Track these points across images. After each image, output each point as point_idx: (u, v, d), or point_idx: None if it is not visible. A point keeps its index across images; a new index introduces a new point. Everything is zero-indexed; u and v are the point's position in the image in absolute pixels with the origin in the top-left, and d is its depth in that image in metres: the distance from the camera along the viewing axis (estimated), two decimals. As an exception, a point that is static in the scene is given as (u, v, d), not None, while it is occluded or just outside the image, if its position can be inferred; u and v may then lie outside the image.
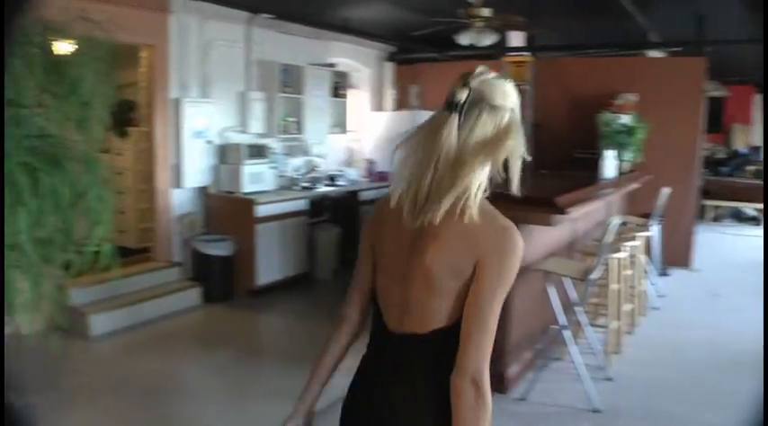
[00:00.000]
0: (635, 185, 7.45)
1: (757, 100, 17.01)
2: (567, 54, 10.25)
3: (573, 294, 4.85)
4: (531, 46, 9.77)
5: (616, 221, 4.52)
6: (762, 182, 13.28)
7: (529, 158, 1.73)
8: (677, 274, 8.49)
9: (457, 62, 10.24)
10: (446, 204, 1.62)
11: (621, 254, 5.37)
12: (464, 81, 1.68)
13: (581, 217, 5.55)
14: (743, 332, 6.32)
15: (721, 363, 5.53)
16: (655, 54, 10.02)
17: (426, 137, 1.68)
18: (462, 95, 1.66)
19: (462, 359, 1.62)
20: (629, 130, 7.74)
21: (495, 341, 1.71)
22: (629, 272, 5.88)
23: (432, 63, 10.28)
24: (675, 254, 8.67)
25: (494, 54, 9.64)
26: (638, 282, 6.38)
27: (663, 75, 8.83)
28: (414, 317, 1.72)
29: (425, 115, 6.85)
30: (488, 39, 7.26)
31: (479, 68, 1.71)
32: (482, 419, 1.62)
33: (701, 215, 12.74)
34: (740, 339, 6.12)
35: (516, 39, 9.47)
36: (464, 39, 7.27)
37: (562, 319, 4.69)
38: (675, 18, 8.94)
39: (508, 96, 1.69)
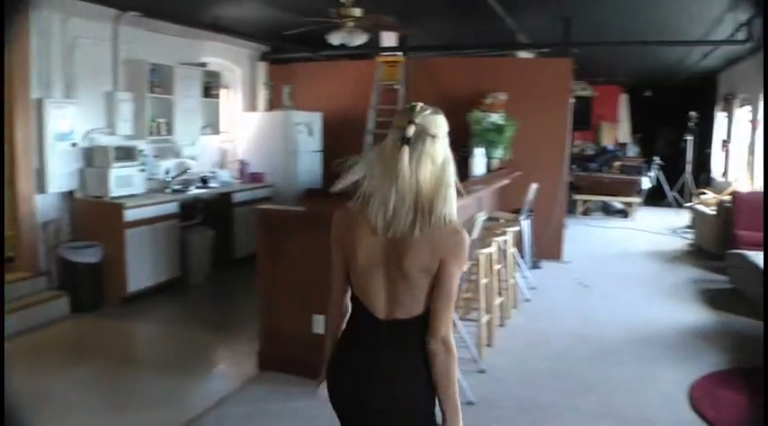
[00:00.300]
0: (505, 181, 7.64)
1: (623, 99, 17.80)
2: (439, 54, 10.42)
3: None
4: (403, 46, 9.89)
5: (481, 217, 4.61)
6: (627, 177, 13.91)
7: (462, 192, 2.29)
8: (548, 266, 8.79)
9: (330, 62, 10.28)
10: (418, 230, 2.13)
11: (490, 249, 5.50)
12: (409, 118, 2.16)
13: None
14: (610, 321, 6.61)
15: (589, 351, 5.75)
16: (524, 55, 10.32)
17: (385, 165, 2.16)
18: (411, 131, 2.14)
19: (434, 328, 2.19)
20: (498, 128, 7.95)
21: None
22: (499, 266, 6.03)
23: (305, 63, 10.27)
24: (546, 247, 8.98)
25: (367, 54, 9.71)
26: (509, 276, 6.55)
27: (532, 75, 9.11)
28: (401, 309, 2.22)
29: (298, 115, 6.90)
30: (359, 40, 7.26)
31: (418, 106, 2.21)
32: (452, 366, 2.22)
33: (571, 209, 13.23)
34: (607, 328, 6.40)
35: (389, 39, 9.56)
36: (335, 38, 7.26)
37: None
38: (543, 20, 9.23)
39: (440, 126, 2.22)
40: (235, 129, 9.69)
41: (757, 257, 7.24)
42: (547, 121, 8.89)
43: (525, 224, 7.52)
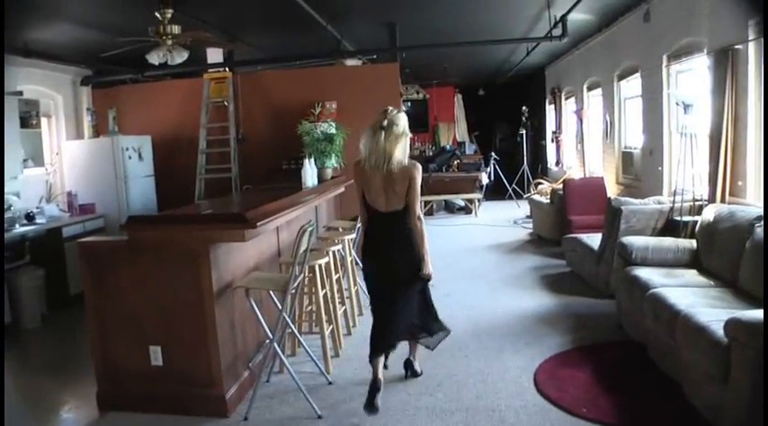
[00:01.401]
0: (340, 190, 7.64)
1: (457, 99, 18.31)
2: (267, 67, 10.35)
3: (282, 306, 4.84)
4: (229, 61, 9.75)
5: (309, 228, 4.58)
6: (466, 174, 14.28)
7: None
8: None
9: (156, 82, 10.00)
10: (391, 167, 4.24)
11: (324, 259, 5.44)
12: (385, 116, 4.24)
13: (284, 228, 5.58)
14: (454, 316, 6.67)
15: (435, 349, 5.75)
16: (352, 62, 10.39)
17: (371, 139, 4.28)
18: (386, 123, 4.21)
19: (412, 212, 4.35)
20: (328, 137, 7.92)
21: (206, 369, 4.55)
22: (338, 275, 6.01)
23: (130, 85, 9.94)
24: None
25: (194, 71, 9.51)
26: (351, 284, 6.55)
27: (360, 82, 9.21)
28: (392, 206, 4.35)
29: (126, 140, 6.77)
30: (180, 57, 7.04)
31: (389, 109, 4.33)
32: (423, 231, 4.42)
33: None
34: (452, 323, 6.35)
35: (215, 55, 9.41)
36: (154, 58, 7.01)
37: (271, 334, 4.67)
38: (367, 27, 9.34)
39: (401, 119, 4.31)
40: (60, 160, 9.22)
41: (589, 239, 7.59)
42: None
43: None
